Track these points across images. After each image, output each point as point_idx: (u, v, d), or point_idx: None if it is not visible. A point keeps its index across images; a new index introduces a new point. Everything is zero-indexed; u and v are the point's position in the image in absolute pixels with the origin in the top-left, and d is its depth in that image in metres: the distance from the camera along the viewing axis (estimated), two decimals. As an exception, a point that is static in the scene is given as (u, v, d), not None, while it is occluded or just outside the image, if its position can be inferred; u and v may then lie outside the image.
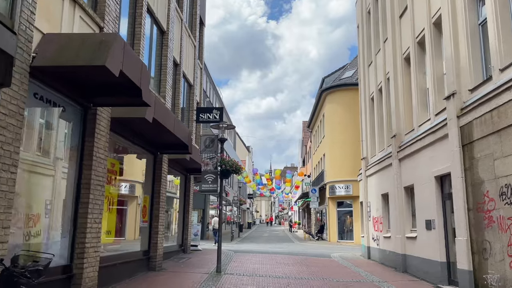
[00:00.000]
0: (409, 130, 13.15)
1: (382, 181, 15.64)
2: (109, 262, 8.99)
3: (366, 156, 18.23)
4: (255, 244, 26.67)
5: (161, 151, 12.08)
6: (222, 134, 12.26)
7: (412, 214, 13.05)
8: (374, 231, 16.69)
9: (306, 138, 51.41)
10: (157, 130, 9.89)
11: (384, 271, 13.38)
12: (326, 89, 30.28)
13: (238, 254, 17.42)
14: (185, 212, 16.75)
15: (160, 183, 12.09)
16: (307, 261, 15.77)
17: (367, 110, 18.38)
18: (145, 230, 11.73)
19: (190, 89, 17.53)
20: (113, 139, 9.26)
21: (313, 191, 30.62)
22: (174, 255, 15.34)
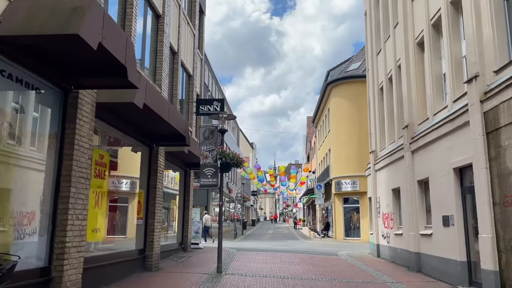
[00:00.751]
0: (423, 119, 12.26)
1: (393, 175, 14.76)
2: (97, 263, 8.20)
3: (375, 149, 17.34)
4: (259, 242, 25.88)
5: (156, 143, 11.27)
6: (222, 125, 11.44)
7: (426, 210, 12.17)
8: (384, 228, 15.83)
9: (311, 134, 50.50)
10: (150, 119, 9.07)
11: (396, 271, 12.53)
12: (331, 82, 29.36)
13: (241, 252, 16.62)
14: (185, 209, 15.96)
15: (156, 177, 11.29)
16: (314, 260, 14.94)
17: (376, 101, 17.48)
18: (141, 228, 10.94)
19: (190, 80, 16.71)
20: (100, 127, 8.46)
21: (318, 187, 29.75)
22: (173, 254, 14.56)
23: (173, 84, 14.20)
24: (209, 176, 11.41)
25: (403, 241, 13.51)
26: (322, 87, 32.17)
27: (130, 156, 11.34)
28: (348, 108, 28.15)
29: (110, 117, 8.46)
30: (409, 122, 12.96)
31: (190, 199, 16.19)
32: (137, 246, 10.81)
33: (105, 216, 8.76)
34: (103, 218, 8.63)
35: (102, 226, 8.57)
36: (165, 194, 15.05)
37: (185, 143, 10.91)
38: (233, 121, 53.84)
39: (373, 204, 17.33)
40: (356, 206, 27.77)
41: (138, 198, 10.67)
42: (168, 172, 15.65)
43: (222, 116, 11.36)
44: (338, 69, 32.20)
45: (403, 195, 13.63)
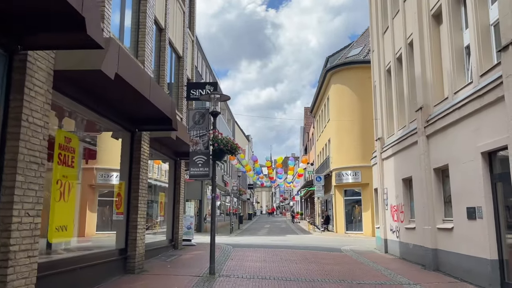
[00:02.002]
0: (440, 100, 10.92)
1: (403, 164, 13.43)
2: (64, 268, 6.84)
3: (382, 136, 15.99)
4: (256, 237, 24.58)
5: (139, 128, 9.85)
6: (214, 107, 10.04)
7: (444, 201, 10.86)
8: (393, 221, 14.52)
9: (308, 125, 49.13)
10: (128, 96, 7.66)
11: (410, 269, 11.24)
12: (331, 68, 27.93)
13: (237, 249, 15.29)
14: (175, 203, 14.57)
15: (139, 166, 9.88)
16: (317, 257, 13.63)
17: (382, 84, 16.11)
18: (121, 225, 9.55)
19: (179, 62, 15.26)
20: (64, 104, 7.05)
21: (318, 179, 28.45)
22: (162, 252, 13.20)
23: (160, 64, 12.76)
24: (199, 165, 10.01)
25: (416, 236, 12.21)
26: (321, 74, 30.75)
27: (112, 143, 9.96)
28: (349, 95, 26.76)
29: (76, 91, 7.03)
30: (423, 103, 11.60)
31: (181, 192, 14.81)
32: (117, 245, 9.44)
33: (73, 212, 7.35)
34: (71, 213, 7.22)
35: (70, 223, 7.16)
36: (153, 186, 13.67)
37: (171, 127, 9.50)
38: (228, 113, 52.38)
39: (379, 195, 16.02)
40: (358, 199, 26.49)
41: (118, 190, 9.27)
42: (157, 162, 14.26)
43: (214, 96, 9.95)
44: (338, 55, 30.78)
45: (415, 185, 12.31)
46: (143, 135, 10.15)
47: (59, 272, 6.61)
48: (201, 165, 10.04)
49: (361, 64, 26.08)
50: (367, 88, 25.72)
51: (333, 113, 28.20)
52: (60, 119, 7.38)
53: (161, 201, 13.28)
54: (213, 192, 9.86)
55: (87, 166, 9.70)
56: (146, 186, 10.34)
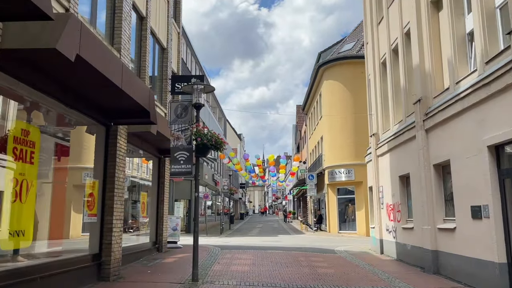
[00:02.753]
0: (440, 91, 10.21)
1: (400, 160, 12.73)
2: (23, 277, 5.99)
3: (377, 132, 15.28)
4: (247, 238, 23.78)
5: (114, 121, 9.00)
6: (197, 99, 9.24)
7: (445, 199, 10.16)
8: (389, 221, 13.81)
9: (300, 123, 48.43)
10: (96, 83, 6.82)
11: (409, 272, 10.53)
12: (323, 63, 27.19)
13: (226, 251, 14.48)
14: (159, 203, 13.71)
15: (115, 163, 9.03)
16: (309, 259, 12.88)
17: (377, 77, 15.39)
18: (95, 227, 8.70)
19: (163, 54, 14.40)
20: (24, 93, 6.19)
21: (310, 177, 27.72)
22: (145, 255, 12.36)
23: (140, 55, 11.90)
24: (181, 161, 9.18)
25: (414, 237, 11.50)
26: (313, 70, 30.02)
27: (86, 138, 9.12)
28: (341, 91, 26.06)
29: (35, 77, 6.17)
30: (422, 95, 10.89)
31: (165, 192, 13.95)
32: (90, 250, 8.59)
33: (33, 214, 6.49)
34: (30, 216, 6.36)
35: (29, 228, 6.31)
36: (135, 185, 12.82)
37: (150, 120, 8.66)
38: (220, 111, 51.50)
39: (374, 194, 15.31)
40: (351, 197, 25.82)
41: (90, 189, 8.41)
42: (145, 162, 13.43)
43: (197, 87, 9.13)
44: (330, 50, 30.07)
45: (413, 183, 11.61)
46: (120, 130, 9.30)
47: (18, 282, 5.77)
48: (183, 162, 9.22)
49: (354, 59, 25.42)
50: (360, 83, 25.05)
51: (326, 110, 27.49)
52: (19, 110, 6.55)
53: (143, 201, 12.42)
54: (197, 191, 9.05)
55: (72, 166, 8.89)
56: (124, 185, 9.49)
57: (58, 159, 8.52)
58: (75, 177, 8.74)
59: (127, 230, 13.06)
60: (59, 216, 8.10)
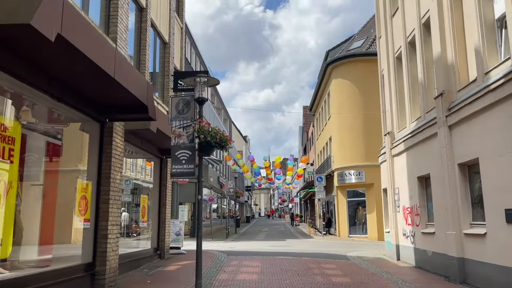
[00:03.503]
0: (465, 83, 9.34)
1: (419, 160, 11.84)
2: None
3: (391, 130, 14.40)
4: (253, 242, 22.92)
5: (109, 117, 8.23)
6: (200, 93, 8.44)
7: (472, 202, 9.26)
8: (406, 225, 12.91)
9: (307, 125, 47.54)
10: (84, 71, 6.05)
11: (432, 282, 9.64)
12: (332, 62, 26.33)
13: (232, 258, 13.65)
14: (160, 207, 12.93)
15: (111, 163, 8.26)
16: (321, 266, 12.02)
17: (391, 73, 14.53)
18: (88, 234, 7.92)
19: (165, 49, 13.65)
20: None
21: (319, 179, 26.83)
22: (146, 263, 11.57)
23: (140, 48, 11.16)
24: (183, 161, 8.36)
25: (436, 242, 10.61)
26: (321, 68, 29.17)
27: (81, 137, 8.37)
28: (351, 90, 25.19)
29: (13, 62, 5.40)
30: (445, 88, 10.01)
31: (167, 195, 13.17)
32: (83, 259, 7.81)
33: (12, 220, 5.70)
34: (8, 222, 5.58)
35: (7, 235, 5.53)
36: (137, 188, 12.06)
37: (148, 116, 7.89)
38: (225, 113, 50.75)
39: (389, 196, 14.42)
40: (362, 200, 24.88)
41: (83, 192, 7.63)
42: (149, 164, 12.69)
43: (200, 80, 8.33)
44: (339, 49, 29.22)
45: (435, 184, 10.72)
46: (116, 127, 8.54)
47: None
48: (185, 162, 8.40)
49: (364, 57, 24.59)
50: (371, 81, 24.20)
51: (334, 110, 26.62)
52: None
53: (143, 205, 11.64)
54: (200, 194, 8.23)
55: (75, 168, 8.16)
56: (120, 188, 8.71)
57: (49, 159, 7.80)
58: (73, 179, 7.98)
59: (131, 235, 12.31)
60: (54, 221, 7.33)
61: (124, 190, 12.38)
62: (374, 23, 27.19)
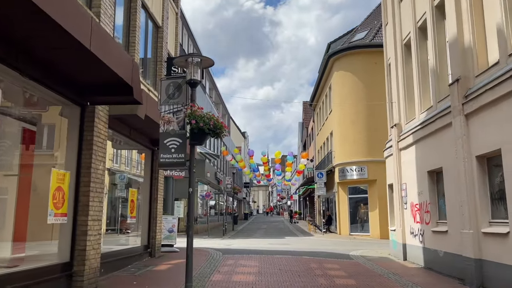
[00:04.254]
0: (485, 68, 8.50)
1: (430, 152, 11.00)
2: None
3: (399, 122, 13.56)
4: (251, 240, 22.10)
5: (90, 100, 7.37)
6: (193, 74, 7.60)
7: (492, 198, 8.42)
8: (415, 222, 12.09)
9: (307, 120, 46.70)
10: (53, 41, 5.19)
11: (445, 285, 8.82)
12: (334, 53, 25.44)
13: (228, 257, 12.82)
14: (151, 202, 12.08)
15: (92, 152, 7.40)
16: (323, 266, 11.20)
17: (399, 61, 13.68)
18: (65, 230, 7.08)
19: (158, 33, 12.77)
20: None
21: (319, 175, 26.00)
22: (134, 262, 10.72)
23: (129, 29, 10.28)
24: (172, 150, 7.51)
25: (449, 242, 9.79)
26: (322, 61, 28.29)
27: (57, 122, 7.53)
28: (353, 82, 24.32)
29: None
30: (461, 74, 9.16)
31: (159, 189, 12.32)
32: (59, 258, 6.97)
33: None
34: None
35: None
36: (130, 180, 11.20)
37: (133, 98, 7.03)
38: (223, 108, 49.80)
39: (395, 192, 13.58)
40: (364, 197, 24.06)
41: (58, 182, 6.76)
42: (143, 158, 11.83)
43: (193, 60, 7.48)
44: (341, 41, 28.34)
45: (448, 179, 9.89)
46: (98, 111, 7.68)
47: None
48: (174, 150, 7.54)
49: (368, 48, 23.75)
50: (374, 74, 23.36)
51: (336, 103, 25.76)
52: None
53: (132, 199, 10.78)
54: (191, 186, 7.38)
55: (52, 157, 7.38)
56: (103, 179, 7.85)
57: (26, 148, 6.97)
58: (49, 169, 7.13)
59: (125, 231, 11.49)
60: (27, 215, 6.49)
61: (118, 185, 11.58)
62: (377, 15, 26.34)
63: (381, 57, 22.91)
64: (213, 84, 42.51)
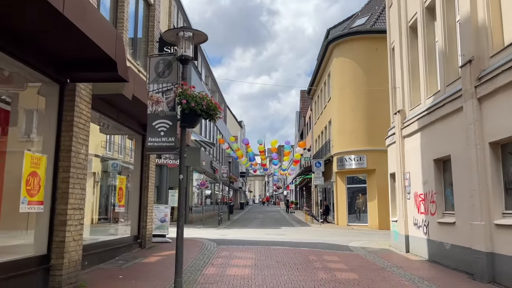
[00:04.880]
0: (501, 47, 7.85)
1: (437, 140, 10.40)
2: None
3: (402, 108, 12.93)
4: (247, 230, 21.56)
5: (71, 76, 6.67)
6: (185, 50, 6.93)
7: (506, 188, 7.84)
8: (418, 213, 11.54)
9: (305, 109, 46.02)
10: (25, 6, 4.49)
11: (454, 280, 8.27)
12: (333, 39, 24.68)
13: (222, 248, 12.25)
14: (142, 190, 11.44)
15: (72, 134, 6.73)
16: (323, 259, 10.66)
17: (404, 44, 13.00)
18: (42, 219, 6.43)
19: (149, 10, 12.01)
20: None
21: (317, 164, 25.42)
22: (123, 253, 10.13)
23: (117, 4, 9.54)
24: (161, 133, 6.85)
25: (457, 234, 9.24)
26: (321, 47, 27.52)
27: (33, 101, 6.84)
28: (353, 70, 23.62)
29: None
30: (473, 55, 8.51)
31: (150, 176, 11.67)
32: (35, 250, 6.34)
33: None
34: None
35: None
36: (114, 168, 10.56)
37: (117, 74, 6.34)
38: (219, 97, 48.97)
39: (398, 182, 13.01)
40: (363, 187, 23.52)
41: (33, 167, 6.09)
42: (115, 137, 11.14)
43: (184, 34, 6.80)
44: (340, 27, 27.56)
45: (457, 167, 9.30)
46: (80, 90, 6.99)
47: None
48: (164, 134, 6.87)
49: (368, 34, 23.06)
50: (375, 60, 22.71)
51: (335, 91, 25.09)
52: None
53: (120, 187, 10.13)
54: (181, 173, 6.76)
55: (27, 140, 6.73)
56: (85, 164, 7.19)
57: (2, 130, 6.29)
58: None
59: (118, 220, 10.88)
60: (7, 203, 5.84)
61: (111, 173, 10.94)
62: (378, 0, 25.57)
63: (382, 43, 22.24)
64: (209, 71, 41.67)
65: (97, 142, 10.23)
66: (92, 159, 9.23)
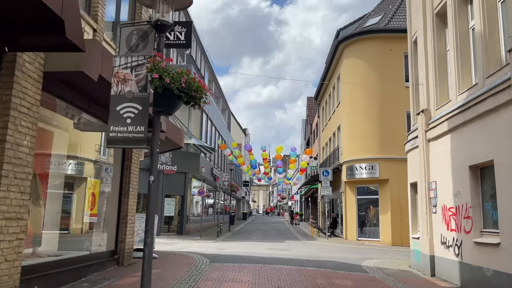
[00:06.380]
0: None
1: (473, 142, 8.65)
2: None
3: (427, 107, 11.20)
4: (247, 243, 19.73)
5: (9, 43, 5.05)
6: (162, 14, 5.39)
7: None
8: (448, 230, 9.74)
9: (311, 116, 44.32)
10: None
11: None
12: (344, 38, 23.02)
13: (215, 266, 10.50)
14: (122, 197, 9.74)
15: (8, 119, 5.09)
16: (333, 283, 8.89)
17: (429, 35, 11.33)
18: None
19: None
20: None
21: (324, 173, 23.61)
22: (93, 272, 8.42)
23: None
24: (128, 120, 5.20)
25: (502, 258, 7.44)
26: (331, 48, 25.87)
27: None
28: (365, 72, 21.93)
29: None
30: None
31: (132, 180, 9.99)
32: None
33: None
34: None
35: None
36: (79, 169, 8.88)
37: (65, 38, 4.69)
38: (223, 103, 47.41)
39: (420, 192, 11.23)
40: (374, 198, 21.66)
41: None
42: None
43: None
44: (351, 27, 25.96)
45: (503, 175, 7.53)
46: (23, 62, 5.36)
47: None
48: (131, 121, 5.21)
49: (383, 33, 21.45)
50: (388, 62, 21.12)
51: (345, 94, 23.39)
52: None
53: (92, 192, 8.45)
54: (152, 174, 5.08)
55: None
56: (30, 160, 5.53)
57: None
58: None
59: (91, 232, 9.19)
60: None
61: (104, 179, 9.32)
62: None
63: (397, 44, 20.64)
64: (213, 76, 40.20)
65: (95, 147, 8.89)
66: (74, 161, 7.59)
